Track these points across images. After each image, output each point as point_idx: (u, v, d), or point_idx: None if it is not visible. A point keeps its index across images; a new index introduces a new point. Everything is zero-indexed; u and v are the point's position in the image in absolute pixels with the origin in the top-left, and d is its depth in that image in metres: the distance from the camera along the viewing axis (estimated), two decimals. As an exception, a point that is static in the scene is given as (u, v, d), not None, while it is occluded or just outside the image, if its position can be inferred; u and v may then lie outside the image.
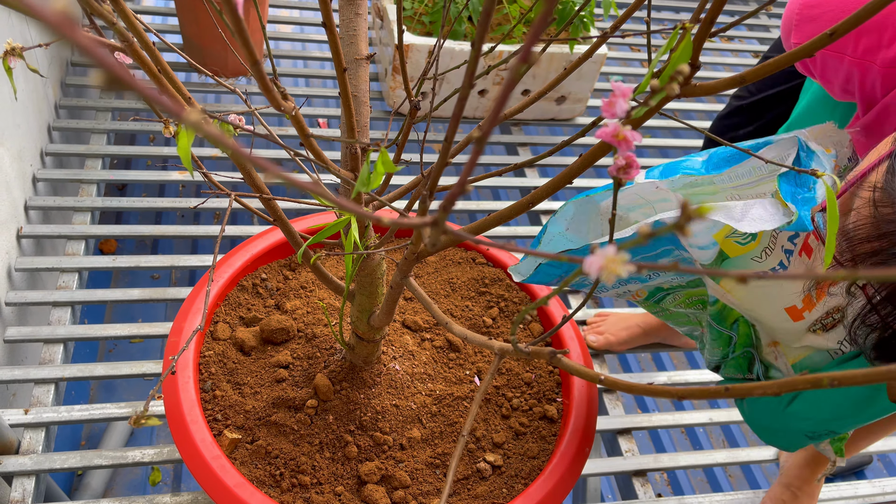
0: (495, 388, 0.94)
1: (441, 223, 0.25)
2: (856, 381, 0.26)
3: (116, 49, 0.50)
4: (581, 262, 0.22)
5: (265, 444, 0.83)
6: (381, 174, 0.38)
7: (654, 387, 0.34)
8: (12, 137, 1.26)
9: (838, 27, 0.34)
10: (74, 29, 0.11)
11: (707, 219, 0.19)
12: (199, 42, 1.67)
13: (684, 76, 0.26)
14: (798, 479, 1.15)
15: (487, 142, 1.35)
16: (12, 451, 1.03)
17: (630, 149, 0.28)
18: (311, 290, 1.00)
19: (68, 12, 0.15)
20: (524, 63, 0.19)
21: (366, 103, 0.67)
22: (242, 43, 0.30)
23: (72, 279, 1.27)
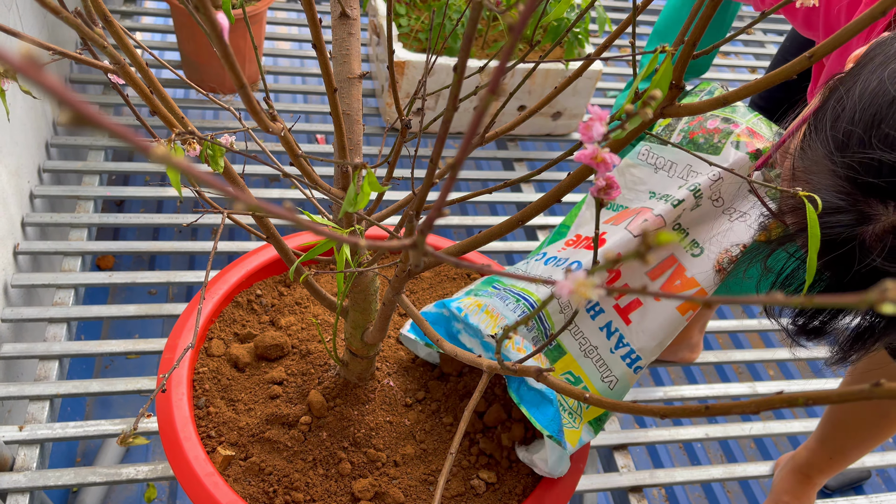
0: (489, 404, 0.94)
1: (420, 246, 0.25)
2: (829, 401, 0.26)
3: (109, 71, 0.50)
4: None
5: (259, 460, 0.83)
6: (367, 194, 0.39)
7: (637, 405, 0.34)
8: (10, 154, 1.26)
9: None
10: (39, 71, 0.11)
11: (662, 246, 0.19)
12: (197, 59, 1.68)
13: (657, 101, 0.26)
14: (788, 495, 1.14)
15: (484, 157, 1.37)
16: (7, 468, 1.03)
17: (609, 170, 0.29)
18: (305, 306, 1.01)
19: (32, 55, 0.15)
20: (492, 94, 0.19)
21: (358, 121, 0.67)
22: (229, 68, 0.31)
23: (68, 295, 1.27)
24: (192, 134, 0.47)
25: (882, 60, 0.55)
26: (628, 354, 0.87)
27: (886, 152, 0.50)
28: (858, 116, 0.53)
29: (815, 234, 0.43)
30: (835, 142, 0.54)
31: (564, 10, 0.53)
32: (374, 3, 1.77)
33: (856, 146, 0.52)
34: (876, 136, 0.52)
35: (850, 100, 0.54)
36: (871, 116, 0.52)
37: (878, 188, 0.52)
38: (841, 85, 0.57)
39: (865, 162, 0.52)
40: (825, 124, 0.56)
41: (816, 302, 0.20)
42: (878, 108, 0.52)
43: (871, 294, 0.16)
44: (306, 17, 0.47)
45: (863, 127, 0.52)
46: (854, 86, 0.55)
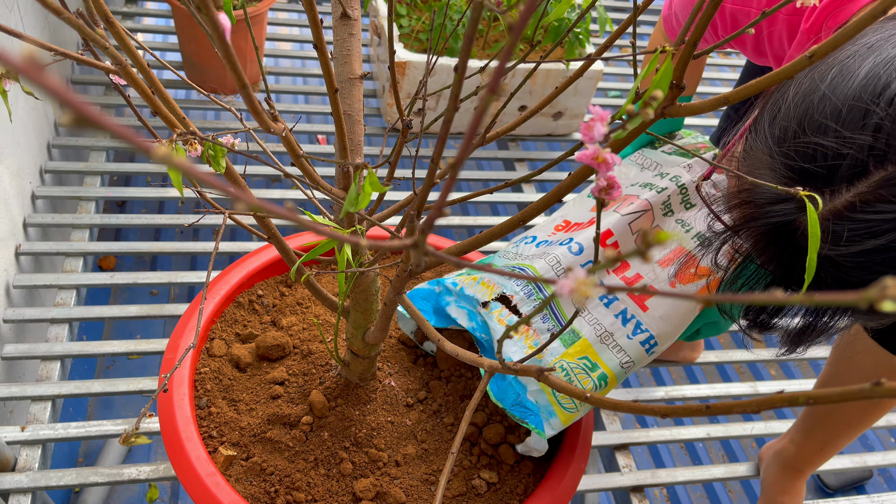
0: (490, 406, 0.94)
1: (421, 245, 0.26)
2: (830, 400, 0.26)
3: (111, 71, 0.51)
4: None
5: (260, 460, 0.83)
6: (368, 194, 0.39)
7: (637, 404, 0.34)
8: (12, 155, 1.27)
9: None
10: (40, 72, 0.12)
11: (664, 244, 0.19)
12: (199, 60, 1.69)
13: (658, 101, 0.26)
14: (781, 493, 1.14)
15: (485, 157, 1.37)
16: (9, 469, 1.03)
17: (609, 170, 0.29)
18: (307, 306, 1.01)
19: (34, 56, 0.15)
20: (492, 94, 0.19)
21: (359, 122, 0.67)
22: (230, 68, 0.31)
23: (70, 296, 1.27)
24: (194, 134, 0.47)
25: (814, 66, 0.58)
26: (647, 340, 0.88)
27: (819, 138, 0.54)
28: (793, 113, 0.56)
29: (815, 233, 0.43)
30: (772, 138, 0.57)
31: (565, 11, 0.53)
32: (375, 4, 1.77)
33: (791, 138, 0.56)
34: (808, 126, 0.55)
35: (785, 101, 0.58)
36: (803, 111, 0.56)
37: (813, 175, 0.55)
38: (777, 91, 0.61)
39: (801, 150, 0.55)
40: (763, 125, 0.59)
41: (818, 300, 0.20)
42: (809, 102, 0.56)
43: (871, 292, 0.16)
44: (307, 17, 0.47)
45: (796, 121, 0.56)
46: (788, 89, 0.59)
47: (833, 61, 0.57)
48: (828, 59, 0.58)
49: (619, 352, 0.88)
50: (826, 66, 0.57)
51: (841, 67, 0.56)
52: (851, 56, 0.56)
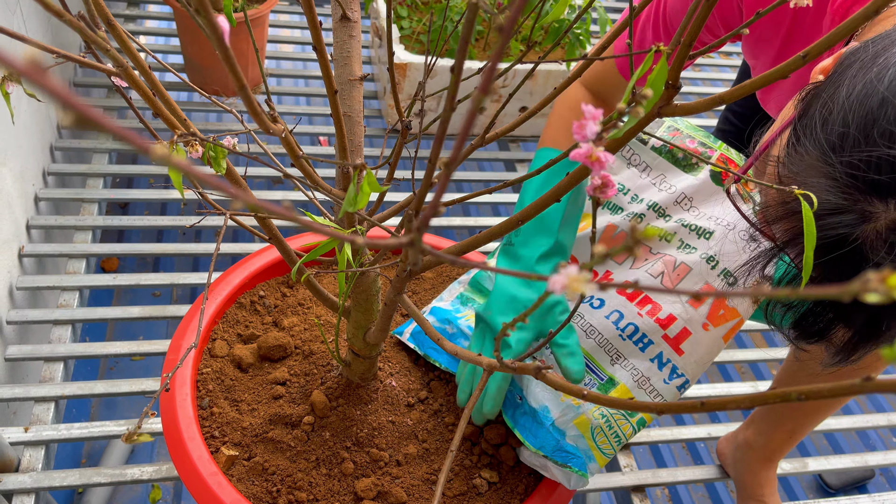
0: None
1: (417, 244, 0.26)
2: (822, 396, 0.27)
3: (113, 73, 0.51)
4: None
5: (262, 460, 0.84)
6: (367, 195, 0.39)
7: (634, 402, 0.35)
8: (15, 157, 1.27)
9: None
10: (42, 75, 0.12)
11: (652, 239, 0.19)
12: (200, 62, 1.69)
13: (648, 99, 0.26)
14: (759, 486, 1.15)
15: (486, 158, 1.37)
16: (12, 469, 1.04)
17: (603, 169, 0.29)
18: (308, 307, 1.01)
19: (36, 59, 0.15)
20: (484, 94, 0.20)
21: (359, 123, 0.68)
22: (229, 69, 0.31)
23: (73, 297, 1.28)
24: (195, 136, 0.47)
25: (860, 66, 0.55)
26: (682, 384, 0.89)
27: (885, 148, 0.51)
28: (851, 118, 0.53)
29: (811, 231, 0.43)
30: (829, 144, 0.54)
31: (563, 11, 0.54)
32: (375, 6, 1.78)
33: (852, 146, 0.52)
34: (874, 134, 0.52)
35: (837, 104, 0.54)
36: (863, 117, 0.52)
37: (877, 185, 0.52)
38: (822, 92, 0.57)
39: (864, 159, 0.52)
40: (813, 129, 0.56)
41: (801, 294, 0.20)
42: (868, 108, 0.52)
43: (854, 284, 0.17)
44: (307, 20, 0.47)
45: (856, 127, 0.52)
46: (836, 91, 0.55)
47: (886, 61, 0.54)
48: (876, 57, 0.55)
49: (656, 396, 0.88)
50: (879, 66, 0.54)
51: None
52: None
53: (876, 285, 0.16)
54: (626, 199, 0.95)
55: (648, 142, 0.97)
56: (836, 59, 0.60)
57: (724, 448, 1.23)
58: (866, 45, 0.57)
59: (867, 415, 1.39)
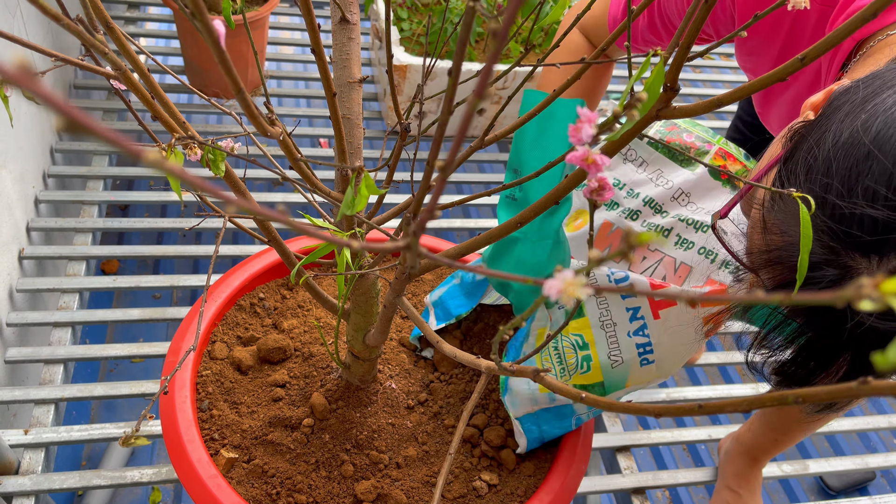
0: (490, 408, 0.95)
1: (414, 248, 0.26)
2: (819, 399, 0.27)
3: (112, 77, 0.51)
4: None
5: (262, 463, 0.84)
6: (365, 197, 0.39)
7: (632, 404, 0.35)
8: (15, 159, 1.27)
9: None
10: (35, 81, 0.12)
11: (647, 246, 0.19)
12: (200, 64, 1.69)
13: (644, 102, 0.26)
14: (736, 478, 1.15)
15: (486, 160, 1.36)
16: (12, 472, 1.04)
17: (600, 171, 0.29)
18: (308, 309, 1.01)
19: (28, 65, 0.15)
20: (479, 98, 0.20)
21: (358, 125, 0.68)
22: (226, 73, 0.31)
23: (73, 299, 1.28)
24: (193, 139, 0.47)
25: (849, 110, 0.54)
26: (644, 346, 0.86)
27: (870, 207, 0.49)
28: (834, 169, 0.52)
29: (807, 234, 0.43)
30: (811, 195, 0.52)
31: (561, 14, 0.54)
32: (375, 8, 1.78)
33: (835, 200, 0.51)
34: (857, 190, 0.51)
35: (823, 151, 0.53)
36: (847, 169, 0.51)
37: (860, 242, 0.51)
38: (808, 135, 0.55)
39: (847, 216, 0.51)
40: (797, 176, 0.54)
41: (793, 300, 0.20)
42: (854, 160, 0.51)
43: (847, 291, 0.17)
44: (305, 22, 0.47)
45: (840, 180, 0.51)
46: (823, 136, 0.54)
47: (875, 109, 0.52)
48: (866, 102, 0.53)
49: (614, 344, 0.86)
50: (867, 113, 0.52)
51: (886, 119, 0.51)
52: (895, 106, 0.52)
53: (869, 291, 0.16)
54: (622, 195, 0.95)
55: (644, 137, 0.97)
56: (828, 95, 0.58)
57: (723, 443, 1.23)
58: (857, 85, 0.56)
59: (868, 416, 1.39)
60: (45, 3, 0.37)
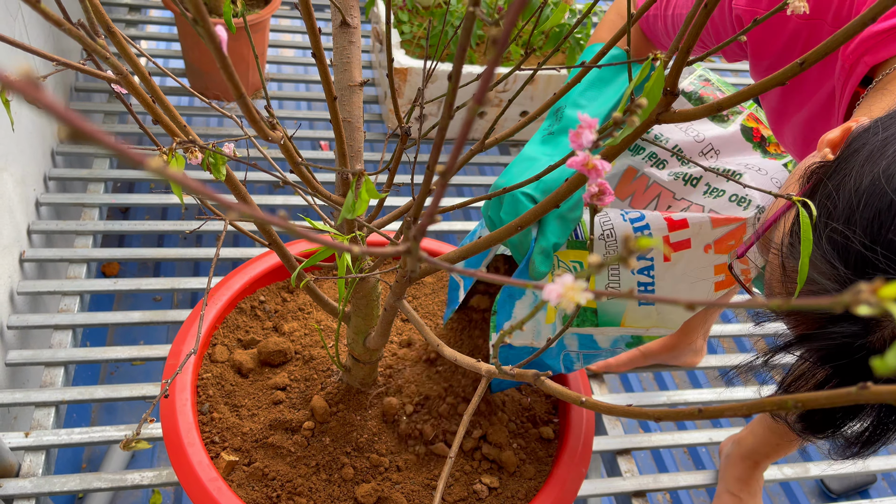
0: (490, 410, 0.94)
1: (414, 252, 0.26)
2: (819, 404, 0.27)
3: (112, 81, 0.51)
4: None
5: (262, 466, 0.84)
6: (365, 201, 0.39)
7: (631, 408, 0.35)
8: (16, 162, 1.28)
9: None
10: (36, 89, 0.12)
11: (643, 249, 0.20)
12: (201, 67, 1.70)
13: (644, 108, 0.26)
14: (737, 481, 1.15)
15: (487, 163, 1.36)
16: (12, 475, 1.04)
17: (600, 177, 0.29)
18: (308, 312, 1.01)
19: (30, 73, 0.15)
20: (478, 104, 0.20)
21: (359, 128, 0.68)
22: (227, 78, 0.31)
23: (73, 302, 1.28)
24: (194, 142, 0.48)
25: (869, 153, 0.52)
26: (646, 285, 0.83)
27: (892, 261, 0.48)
28: (857, 219, 0.50)
29: (807, 237, 0.43)
30: (832, 244, 0.51)
31: (562, 17, 0.54)
32: (376, 11, 1.78)
33: (858, 252, 0.50)
34: (881, 241, 0.49)
35: (843, 198, 0.51)
36: (869, 220, 0.49)
37: None
38: (826, 178, 0.54)
39: (871, 268, 0.49)
40: (817, 223, 0.53)
41: (790, 304, 0.20)
42: (876, 210, 0.49)
43: (846, 296, 0.17)
44: (306, 26, 0.47)
45: (862, 230, 0.50)
46: (843, 181, 0.52)
47: (893, 153, 0.51)
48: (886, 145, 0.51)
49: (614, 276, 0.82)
50: (888, 159, 0.51)
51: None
52: None
53: (867, 297, 0.16)
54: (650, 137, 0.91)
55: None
56: (845, 133, 0.57)
57: (724, 445, 1.23)
58: (876, 126, 0.54)
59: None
60: (47, 8, 0.37)
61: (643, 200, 0.92)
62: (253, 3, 1.74)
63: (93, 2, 0.47)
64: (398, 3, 1.81)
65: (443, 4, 1.82)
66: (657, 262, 0.83)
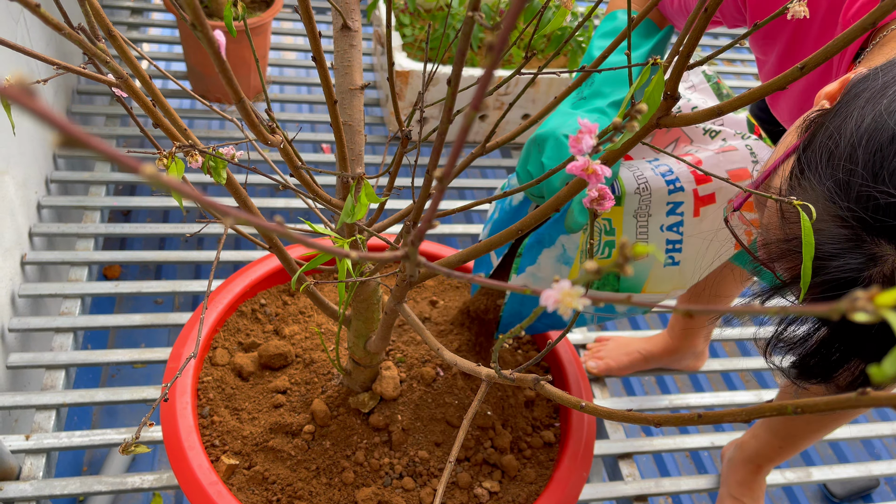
0: (492, 415, 0.94)
1: (412, 257, 0.26)
2: (818, 409, 0.27)
3: (113, 84, 0.51)
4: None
5: (262, 469, 0.83)
6: (365, 205, 0.39)
7: (631, 413, 0.35)
8: (17, 165, 1.28)
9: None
10: (30, 98, 0.12)
11: (644, 257, 0.19)
12: (203, 70, 1.70)
13: (644, 114, 0.26)
14: (740, 485, 1.15)
15: (489, 166, 1.36)
16: (13, 478, 1.04)
17: (600, 181, 0.29)
18: (309, 315, 1.01)
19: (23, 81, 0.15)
20: (475, 111, 0.20)
21: (360, 132, 0.68)
22: (226, 82, 0.31)
23: (75, 305, 1.28)
24: (194, 146, 0.48)
25: (870, 96, 0.52)
26: (674, 243, 0.83)
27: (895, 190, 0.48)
28: (859, 154, 0.50)
29: (808, 241, 0.43)
30: (835, 181, 0.51)
31: (562, 21, 0.54)
32: (378, 14, 1.79)
33: (860, 185, 0.50)
34: (884, 174, 0.49)
35: (845, 136, 0.52)
36: (872, 154, 0.50)
37: (886, 228, 0.49)
38: (827, 122, 0.54)
39: (873, 201, 0.50)
40: (818, 163, 0.53)
41: (788, 310, 0.20)
42: (878, 144, 0.50)
43: (842, 303, 0.17)
44: (306, 30, 0.47)
45: (864, 165, 0.50)
46: (844, 122, 0.53)
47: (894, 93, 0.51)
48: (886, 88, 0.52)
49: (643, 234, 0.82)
50: (889, 98, 0.51)
51: None
52: None
53: (864, 304, 0.16)
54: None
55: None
56: (843, 84, 0.57)
57: (727, 450, 1.23)
58: (875, 73, 0.55)
59: (871, 424, 1.39)
60: (47, 13, 0.37)
61: (663, 141, 0.93)
62: (255, 7, 1.74)
63: (93, 5, 0.47)
64: (400, 6, 1.81)
65: (444, 7, 1.82)
66: (686, 218, 0.82)
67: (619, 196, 0.84)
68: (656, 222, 0.83)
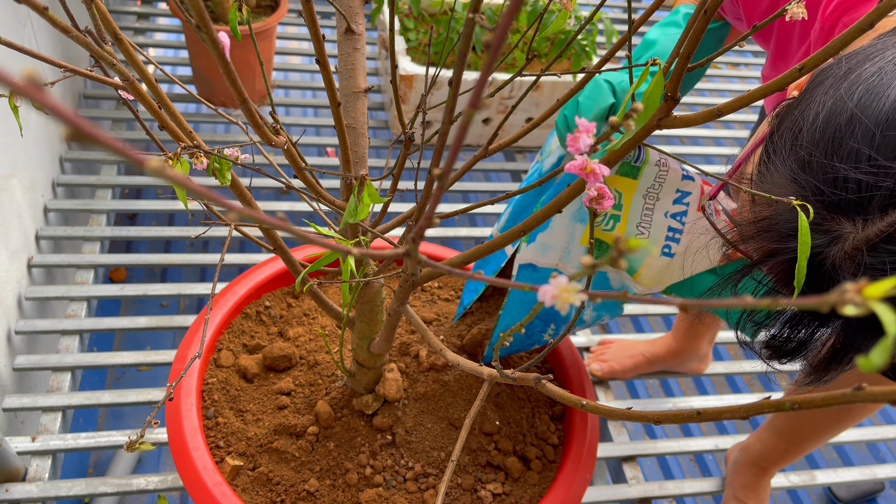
0: (495, 416, 0.95)
1: (413, 254, 0.26)
2: (815, 405, 0.27)
3: (119, 87, 0.52)
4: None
5: (266, 470, 0.84)
6: (367, 206, 0.40)
7: (631, 412, 0.35)
8: (24, 169, 1.29)
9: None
10: (41, 92, 0.12)
11: (636, 251, 0.20)
12: (208, 74, 1.71)
13: (640, 113, 0.27)
14: (744, 488, 1.15)
15: (492, 169, 1.36)
16: (19, 479, 1.04)
17: (598, 181, 0.29)
18: (313, 317, 1.01)
19: (35, 77, 0.16)
20: (473, 109, 0.20)
21: (364, 134, 0.68)
22: (231, 84, 0.32)
23: (81, 308, 1.29)
24: (199, 148, 0.48)
25: (833, 82, 0.54)
26: (675, 231, 0.83)
27: (851, 167, 0.50)
28: (819, 136, 0.52)
29: (805, 240, 0.43)
30: (797, 162, 0.53)
31: (563, 23, 0.54)
32: (382, 18, 1.79)
33: (820, 164, 0.51)
34: (839, 152, 0.51)
35: (807, 121, 0.54)
36: (831, 134, 0.51)
37: (845, 204, 0.51)
38: (794, 109, 0.56)
39: (830, 179, 0.51)
40: (783, 147, 0.55)
41: (780, 304, 0.20)
42: (836, 126, 0.51)
43: (832, 295, 0.17)
44: (310, 34, 0.48)
45: (824, 145, 0.51)
46: (808, 108, 0.54)
47: (856, 78, 0.53)
48: (849, 73, 0.54)
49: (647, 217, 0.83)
50: (849, 82, 0.53)
51: (868, 86, 0.52)
52: (878, 74, 0.52)
53: (852, 297, 0.16)
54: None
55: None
56: (811, 75, 0.58)
57: (731, 453, 1.23)
58: (840, 61, 0.56)
59: (877, 427, 1.38)
60: (55, 16, 0.38)
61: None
62: (260, 11, 1.75)
63: (100, 9, 0.47)
64: (404, 10, 1.82)
65: (448, 12, 1.83)
66: (690, 210, 0.83)
67: (639, 167, 0.83)
68: (662, 208, 0.83)
